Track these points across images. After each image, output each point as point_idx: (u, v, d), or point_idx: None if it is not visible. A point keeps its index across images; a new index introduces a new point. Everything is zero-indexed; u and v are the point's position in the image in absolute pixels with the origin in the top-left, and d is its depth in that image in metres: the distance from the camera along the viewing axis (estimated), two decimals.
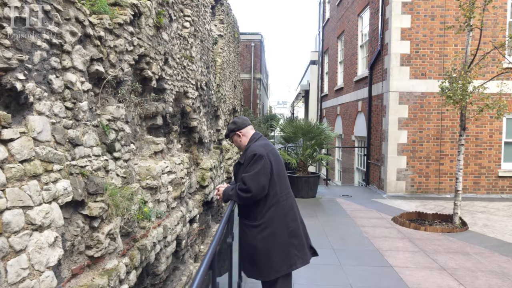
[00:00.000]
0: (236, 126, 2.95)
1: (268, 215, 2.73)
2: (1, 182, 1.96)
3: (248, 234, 2.77)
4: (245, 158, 2.80)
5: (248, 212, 2.78)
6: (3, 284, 1.86)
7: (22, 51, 2.30)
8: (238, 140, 2.95)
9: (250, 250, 2.77)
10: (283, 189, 2.77)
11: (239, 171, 2.88)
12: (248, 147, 2.86)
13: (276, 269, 2.73)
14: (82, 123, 2.93)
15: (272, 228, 2.70)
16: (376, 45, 9.99)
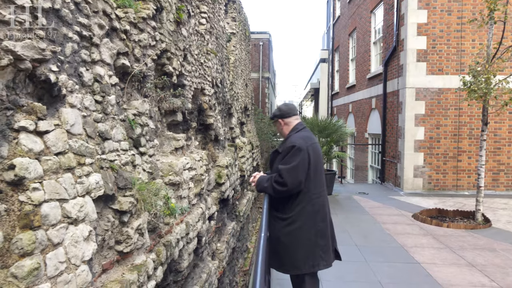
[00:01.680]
0: (280, 114, 2.90)
1: (297, 210, 2.68)
2: (39, 174, 1.93)
3: (275, 225, 2.74)
4: (283, 148, 2.74)
5: (279, 203, 2.75)
6: (43, 278, 1.83)
7: (55, 43, 2.27)
8: (279, 127, 2.91)
9: (274, 241, 2.73)
10: (318, 186, 2.72)
11: (275, 159, 2.85)
12: (289, 136, 2.80)
13: (297, 266, 2.69)
14: (110, 117, 2.90)
15: (299, 224, 2.65)
16: (391, 41, 9.88)
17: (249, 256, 10.33)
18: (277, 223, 2.74)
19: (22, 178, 1.83)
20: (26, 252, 1.76)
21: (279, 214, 2.75)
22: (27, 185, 1.85)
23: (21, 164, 1.83)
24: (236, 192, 8.61)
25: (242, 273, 9.32)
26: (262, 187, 2.78)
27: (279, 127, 2.93)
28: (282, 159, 2.71)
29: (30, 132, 1.98)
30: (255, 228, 12.60)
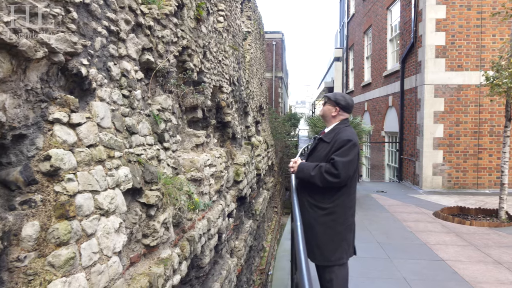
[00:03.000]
0: (342, 102, 2.86)
1: (336, 202, 2.68)
2: (73, 165, 1.95)
3: (310, 213, 2.73)
4: (333, 139, 2.73)
5: (317, 192, 2.72)
6: (78, 267, 1.85)
7: (85, 37, 2.30)
8: (331, 111, 2.85)
9: (306, 228, 2.69)
10: (355, 183, 2.76)
11: (319, 148, 2.80)
12: (338, 128, 2.81)
13: (326, 257, 2.70)
14: (136, 112, 2.92)
15: (335, 216, 2.64)
16: (408, 38, 9.75)
17: (265, 255, 10.31)
18: (313, 211, 2.74)
19: (57, 168, 1.85)
20: (62, 242, 1.78)
21: (318, 203, 2.73)
22: (62, 175, 1.87)
23: (57, 155, 1.86)
24: (253, 190, 8.61)
25: (258, 271, 9.31)
26: (307, 175, 2.72)
27: (330, 110, 2.88)
28: (336, 150, 2.68)
29: (64, 124, 2.01)
30: (271, 228, 12.58)
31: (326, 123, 2.98)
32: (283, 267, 6.04)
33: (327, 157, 2.77)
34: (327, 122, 2.96)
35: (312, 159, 2.87)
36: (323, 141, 2.81)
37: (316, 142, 2.87)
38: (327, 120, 2.92)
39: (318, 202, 2.71)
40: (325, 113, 2.91)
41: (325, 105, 2.92)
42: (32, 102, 1.89)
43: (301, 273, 1.04)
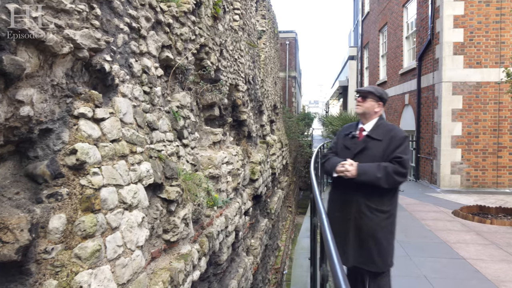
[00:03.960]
0: (385, 97, 2.80)
1: (394, 204, 2.62)
2: (98, 159, 1.98)
3: (373, 218, 2.59)
4: (385, 136, 2.63)
5: (374, 194, 2.60)
6: (103, 260, 1.87)
7: (108, 33, 2.32)
8: (374, 107, 2.72)
9: (365, 235, 2.60)
10: None
11: (370, 146, 2.67)
12: (382, 124, 2.74)
13: (386, 263, 2.64)
14: (157, 108, 2.94)
15: (393, 218, 2.60)
16: (425, 35, 9.62)
17: (280, 254, 10.29)
18: (375, 216, 2.57)
19: (83, 162, 1.88)
20: (88, 234, 1.80)
21: (378, 206, 2.58)
22: (88, 169, 1.90)
23: (82, 149, 1.88)
24: (268, 189, 8.60)
25: (274, 270, 9.30)
26: (373, 177, 2.53)
27: (372, 108, 2.74)
28: (396, 148, 2.57)
29: (89, 119, 2.03)
30: (285, 227, 12.55)
31: (364, 119, 2.81)
32: (301, 265, 6.02)
33: (384, 155, 2.62)
34: (366, 119, 2.80)
35: (364, 159, 2.66)
36: (370, 138, 2.66)
37: (369, 142, 2.69)
38: (367, 116, 2.76)
39: (378, 205, 2.57)
40: (368, 110, 2.75)
41: (366, 101, 2.75)
42: (58, 97, 1.92)
43: (336, 271, 1.01)
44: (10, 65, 1.51)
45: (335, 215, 2.74)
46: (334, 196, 2.90)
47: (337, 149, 2.95)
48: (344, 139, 2.89)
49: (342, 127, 3.08)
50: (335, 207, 2.82)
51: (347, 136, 2.87)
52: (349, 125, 3.05)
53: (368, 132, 2.73)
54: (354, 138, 2.80)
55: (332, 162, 2.81)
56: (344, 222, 2.68)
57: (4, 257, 1.52)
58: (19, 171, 1.81)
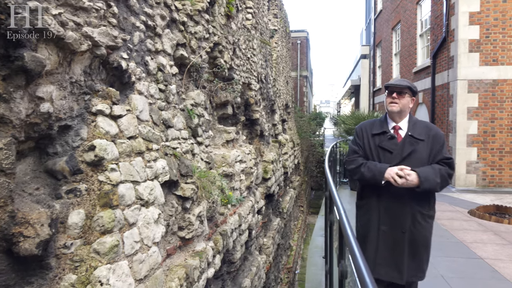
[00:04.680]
0: (417, 92, 2.61)
1: (435, 207, 2.53)
2: (115, 156, 1.99)
3: (425, 226, 2.42)
4: (426, 135, 2.46)
5: (424, 199, 2.44)
6: (121, 255, 1.89)
7: (125, 31, 2.34)
8: (409, 103, 2.53)
9: (421, 245, 2.43)
10: None
11: (418, 148, 2.45)
12: (417, 121, 2.58)
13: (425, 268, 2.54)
14: (172, 106, 2.96)
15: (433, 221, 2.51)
16: (440, 33, 9.49)
17: (292, 254, 10.27)
18: (427, 223, 2.40)
19: (101, 158, 1.89)
20: (106, 230, 1.82)
21: (429, 211, 2.41)
22: (106, 165, 1.91)
23: (101, 145, 1.90)
24: (280, 188, 8.59)
25: (286, 270, 9.28)
26: (434, 184, 2.33)
27: (407, 103, 2.53)
28: (441, 148, 2.43)
29: (106, 115, 2.05)
30: (297, 227, 12.52)
31: (398, 117, 2.58)
32: (315, 263, 6.00)
33: (429, 158, 2.45)
34: (400, 117, 2.57)
35: (412, 163, 2.43)
36: (414, 139, 2.44)
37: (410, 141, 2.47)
38: (403, 114, 2.54)
39: (429, 211, 2.43)
40: (405, 107, 2.52)
41: (404, 97, 2.50)
42: (76, 94, 1.94)
43: (359, 266, 0.99)
44: (31, 62, 1.53)
45: (381, 229, 2.48)
46: (376, 207, 2.55)
47: (366, 151, 2.66)
48: (377, 139, 2.59)
49: (360, 126, 2.77)
50: (382, 220, 2.49)
51: (379, 136, 2.59)
52: (371, 122, 2.76)
53: (410, 131, 2.51)
54: (394, 139, 2.54)
55: (375, 168, 2.48)
56: (397, 236, 2.44)
57: (25, 251, 1.54)
58: (39, 167, 1.84)
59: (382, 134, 2.59)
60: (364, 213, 2.61)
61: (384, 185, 2.43)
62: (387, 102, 2.61)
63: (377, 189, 2.51)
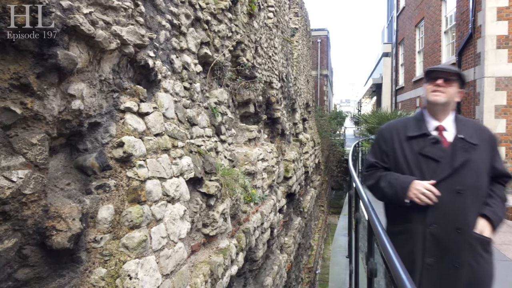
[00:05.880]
0: (465, 83, 2.13)
1: None
2: (143, 152, 2.02)
3: (488, 260, 1.99)
4: (480, 138, 1.98)
5: None
6: (149, 250, 1.91)
7: (151, 30, 2.37)
8: (455, 94, 2.03)
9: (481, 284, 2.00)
10: None
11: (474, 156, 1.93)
12: (464, 120, 2.10)
13: None
14: (196, 104, 2.98)
15: None
16: (466, 29, 9.24)
17: (312, 254, 10.21)
18: (490, 256, 2.00)
19: (130, 155, 1.92)
20: (135, 225, 1.85)
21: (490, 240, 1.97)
22: (134, 162, 1.95)
23: (129, 142, 1.93)
24: (301, 187, 8.55)
25: (306, 269, 9.24)
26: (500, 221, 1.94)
27: (455, 95, 2.04)
28: (496, 155, 2.01)
29: (134, 113, 2.08)
30: (317, 226, 12.44)
31: (441, 114, 2.06)
32: (338, 263, 5.95)
33: (488, 169, 1.97)
34: (444, 112, 2.06)
35: (468, 177, 1.93)
36: (466, 142, 1.94)
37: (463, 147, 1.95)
38: (447, 109, 2.04)
39: (490, 239, 1.97)
40: (452, 98, 2.02)
41: (451, 86, 2.00)
42: (105, 92, 1.98)
43: (393, 263, 0.97)
44: (64, 60, 1.57)
45: (426, 261, 1.95)
46: (419, 233, 1.98)
47: (397, 160, 2.09)
48: (415, 144, 2.04)
49: (388, 127, 2.23)
50: (427, 250, 1.96)
51: (417, 140, 2.04)
52: (403, 122, 2.22)
53: (460, 133, 1.99)
54: (439, 144, 1.99)
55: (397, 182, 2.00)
56: (448, 272, 1.93)
57: (57, 245, 1.58)
58: (69, 163, 1.88)
59: (421, 136, 2.05)
60: (403, 244, 1.97)
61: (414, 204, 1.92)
62: (427, 91, 2.07)
63: (417, 209, 1.95)
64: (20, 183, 1.42)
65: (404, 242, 1.99)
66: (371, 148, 2.31)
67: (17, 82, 1.44)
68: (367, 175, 2.22)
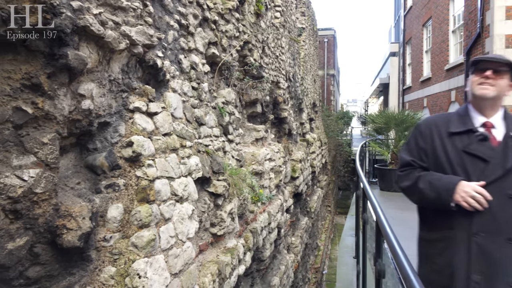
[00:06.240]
0: None
1: None
2: (152, 152, 2.03)
3: None
4: None
5: None
6: (158, 249, 1.92)
7: (160, 30, 2.39)
8: (506, 87, 1.83)
9: None
10: None
11: None
12: None
13: None
14: (204, 104, 2.99)
15: None
16: (474, 28, 9.17)
17: (319, 254, 10.19)
18: None
19: (138, 154, 1.93)
20: (144, 224, 1.86)
21: None
22: (143, 161, 1.96)
23: (138, 142, 1.94)
24: (308, 187, 8.53)
25: (313, 270, 9.22)
26: None
27: (506, 88, 1.83)
28: None
29: (143, 112, 2.10)
30: (324, 227, 12.41)
31: (489, 109, 1.86)
32: (345, 263, 5.93)
33: None
34: (493, 108, 1.86)
35: None
36: None
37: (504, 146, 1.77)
38: (497, 104, 1.85)
39: None
40: (502, 92, 1.82)
41: (502, 78, 1.80)
42: (114, 92, 2.00)
43: (402, 264, 0.96)
44: (74, 60, 1.58)
45: (472, 279, 1.71)
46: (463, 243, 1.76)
47: (438, 160, 1.89)
48: (458, 141, 1.84)
49: (427, 122, 2.02)
50: (473, 265, 1.72)
51: (460, 137, 1.84)
52: (445, 117, 2.03)
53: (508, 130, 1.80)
54: (486, 141, 1.80)
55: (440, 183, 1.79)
56: None
57: (68, 243, 1.60)
58: (79, 162, 1.89)
59: (466, 133, 1.84)
60: (441, 252, 1.80)
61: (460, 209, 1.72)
62: (473, 84, 1.87)
63: (461, 214, 1.74)
64: (32, 182, 1.43)
65: (442, 250, 1.79)
66: (405, 145, 2.09)
67: (29, 82, 1.45)
68: (402, 175, 1.98)
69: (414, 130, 2.05)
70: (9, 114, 1.41)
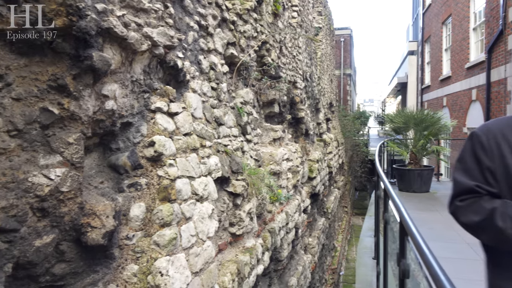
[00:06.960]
0: None
1: None
2: (173, 152, 2.05)
3: None
4: None
5: None
6: (179, 248, 1.94)
7: (180, 31, 2.41)
8: None
9: None
10: None
11: None
12: None
13: None
14: (223, 104, 3.01)
15: None
16: (496, 25, 8.95)
17: (336, 255, 10.11)
18: None
19: (160, 154, 1.96)
20: (165, 223, 1.88)
21: None
22: (164, 161, 1.98)
23: (160, 141, 1.96)
24: (325, 188, 8.48)
25: (330, 271, 9.16)
26: None
27: None
28: None
29: (164, 113, 2.12)
30: (341, 227, 12.30)
31: None
32: (365, 264, 5.87)
33: None
34: None
35: None
36: None
37: None
38: None
39: None
40: None
41: None
42: (136, 93, 2.02)
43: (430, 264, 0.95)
44: (99, 61, 1.61)
45: None
46: None
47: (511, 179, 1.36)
48: None
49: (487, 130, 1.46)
50: None
51: None
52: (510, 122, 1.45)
53: None
54: None
55: None
56: None
57: (92, 241, 1.63)
58: (103, 162, 1.93)
59: None
60: None
61: None
62: None
63: None
64: (58, 181, 1.47)
65: None
66: (459, 164, 1.55)
67: (55, 83, 1.49)
68: (463, 206, 1.47)
69: (471, 143, 1.50)
70: (37, 115, 1.44)
